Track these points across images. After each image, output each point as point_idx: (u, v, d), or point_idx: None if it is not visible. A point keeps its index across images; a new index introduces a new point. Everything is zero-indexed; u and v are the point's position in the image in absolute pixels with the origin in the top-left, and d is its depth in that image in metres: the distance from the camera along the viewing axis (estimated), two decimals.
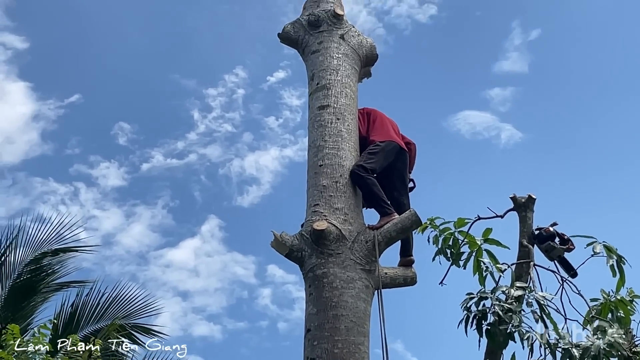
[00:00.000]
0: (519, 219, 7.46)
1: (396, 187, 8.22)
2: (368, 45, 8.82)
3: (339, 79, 8.29)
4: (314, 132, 8.01)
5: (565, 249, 7.35)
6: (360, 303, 6.93)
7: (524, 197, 7.46)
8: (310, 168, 7.82)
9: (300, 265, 7.29)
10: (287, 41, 8.99)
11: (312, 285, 7.04)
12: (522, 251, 7.28)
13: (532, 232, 7.39)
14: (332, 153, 7.75)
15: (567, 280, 7.20)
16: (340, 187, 7.53)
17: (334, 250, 7.10)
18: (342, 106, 8.11)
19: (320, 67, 8.40)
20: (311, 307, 6.95)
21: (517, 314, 6.44)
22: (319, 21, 8.68)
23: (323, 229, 7.10)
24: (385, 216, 7.57)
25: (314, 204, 7.47)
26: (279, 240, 7.28)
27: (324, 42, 8.58)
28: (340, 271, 7.00)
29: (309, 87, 8.50)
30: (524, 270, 7.14)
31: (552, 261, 7.37)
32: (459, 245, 7.45)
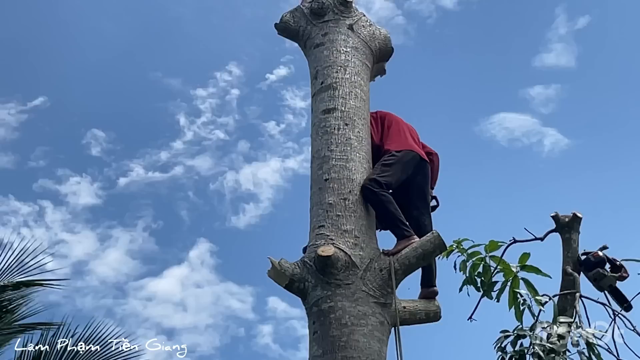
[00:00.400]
0: (562, 242, 7.07)
1: (415, 204, 7.72)
2: (381, 37, 8.28)
3: (348, 77, 7.75)
4: (318, 140, 7.47)
5: (618, 277, 6.89)
6: (375, 343, 6.41)
7: (568, 216, 7.06)
8: (314, 182, 7.30)
9: (303, 299, 6.77)
10: (286, 33, 8.47)
11: (317, 322, 6.51)
12: (566, 280, 6.89)
13: (577, 258, 6.98)
14: (339, 165, 7.21)
15: (620, 314, 6.77)
16: (350, 205, 6.99)
17: (342, 280, 6.57)
18: (351, 109, 7.57)
19: (325, 64, 7.87)
20: (316, 348, 6.41)
21: (561, 355, 5.99)
22: (323, 9, 8.12)
23: (329, 255, 6.55)
24: (402, 239, 7.02)
25: (319, 225, 6.93)
26: (277, 268, 6.72)
27: (330, 33, 8.04)
28: (350, 305, 6.47)
29: (312, 87, 8.00)
30: (568, 302, 6.78)
31: (601, 292, 6.95)
32: (490, 273, 6.94)
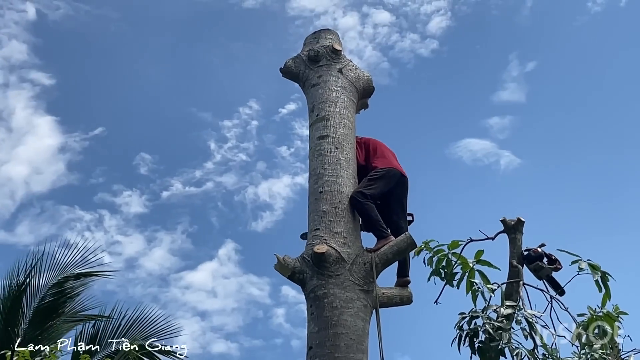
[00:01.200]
0: (509, 241, 7.62)
1: (395, 211, 8.33)
2: (365, 78, 8.97)
3: (338, 110, 8.44)
4: (315, 161, 8.18)
5: (553, 268, 7.47)
6: (359, 322, 7.06)
7: (514, 220, 7.63)
8: (311, 194, 7.97)
9: (302, 287, 7.41)
10: (289, 75, 9.15)
11: (313, 305, 7.17)
12: (512, 271, 7.43)
13: (521, 253, 7.53)
14: (331, 180, 7.90)
15: (555, 298, 7.34)
16: (340, 212, 7.66)
17: (333, 272, 7.23)
18: (341, 136, 8.27)
19: (319, 100, 8.56)
20: (313, 326, 7.08)
21: (507, 331, 6.56)
22: (318, 56, 8.85)
23: (323, 252, 7.24)
24: (382, 239, 7.70)
25: (315, 228, 7.61)
26: (282, 263, 7.40)
27: (323, 75, 8.74)
28: (340, 292, 7.13)
29: (309, 119, 8.68)
30: (514, 289, 7.29)
31: (540, 280, 7.49)
32: (452, 266, 7.47)
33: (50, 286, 12.54)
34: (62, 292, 12.63)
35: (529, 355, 6.52)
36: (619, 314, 7.38)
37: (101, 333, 12.75)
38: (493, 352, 6.53)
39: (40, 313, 12.34)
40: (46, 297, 12.49)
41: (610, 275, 7.29)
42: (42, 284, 12.57)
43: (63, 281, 12.63)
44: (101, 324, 12.78)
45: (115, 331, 12.83)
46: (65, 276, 12.70)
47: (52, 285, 12.55)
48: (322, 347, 6.86)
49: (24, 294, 12.34)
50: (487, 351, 6.56)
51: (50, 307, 12.44)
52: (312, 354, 6.90)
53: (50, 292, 12.54)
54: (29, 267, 12.38)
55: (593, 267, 7.26)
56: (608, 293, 7.29)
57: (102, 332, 12.78)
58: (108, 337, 12.71)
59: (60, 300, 12.60)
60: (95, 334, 12.70)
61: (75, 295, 12.87)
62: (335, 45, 8.90)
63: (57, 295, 12.57)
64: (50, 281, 12.57)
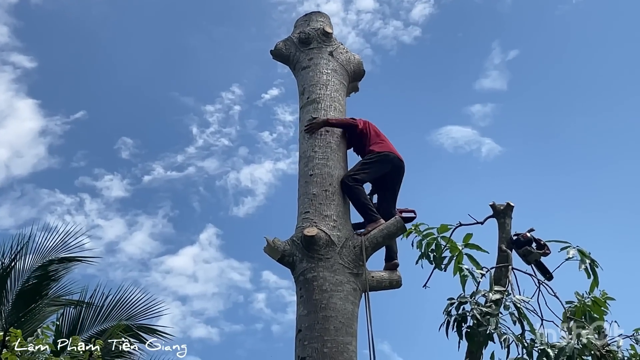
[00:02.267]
0: (498, 226, 7.57)
1: (386, 197, 8.24)
2: (355, 61, 8.92)
3: (328, 93, 8.38)
4: (305, 144, 8.09)
5: (542, 253, 7.44)
6: (348, 305, 7.01)
7: (503, 205, 7.60)
8: (301, 177, 7.90)
9: (292, 269, 7.35)
10: (279, 58, 9.08)
11: (302, 288, 7.12)
12: (501, 256, 7.39)
13: (510, 238, 7.50)
14: (321, 163, 7.84)
15: (544, 283, 7.31)
16: (330, 195, 7.60)
17: (323, 255, 7.17)
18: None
19: (310, 82, 8.50)
20: (302, 309, 7.03)
21: (495, 316, 6.53)
22: (309, 39, 8.78)
23: (313, 235, 7.17)
24: (372, 222, 7.62)
25: (305, 211, 7.54)
26: (271, 245, 7.34)
27: (314, 58, 8.68)
28: (330, 275, 7.07)
29: (300, 101, 8.59)
30: (502, 273, 7.26)
31: (529, 265, 7.46)
32: (441, 249, 7.54)
33: (34, 269, 12.40)
34: (46, 276, 12.44)
35: (516, 341, 6.50)
36: (606, 300, 7.40)
37: (84, 315, 12.54)
38: (481, 338, 6.51)
39: (23, 295, 12.17)
40: (30, 280, 12.33)
41: (597, 263, 7.33)
42: (26, 267, 12.42)
43: (47, 264, 12.46)
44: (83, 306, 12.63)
45: (98, 313, 12.63)
46: (49, 259, 12.50)
47: (36, 268, 12.40)
48: (311, 330, 6.81)
49: (8, 277, 12.18)
50: (475, 336, 6.54)
51: (34, 289, 12.25)
52: (301, 337, 6.85)
53: (34, 274, 12.38)
54: (14, 251, 12.24)
55: (582, 253, 7.28)
56: (596, 280, 7.32)
57: (85, 314, 12.59)
58: (91, 319, 12.55)
59: (44, 283, 12.41)
60: (77, 316, 12.50)
61: (58, 279, 12.62)
62: (326, 28, 8.84)
63: (41, 279, 12.39)
64: (35, 264, 12.42)
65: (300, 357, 6.76)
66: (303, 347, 6.78)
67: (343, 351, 6.71)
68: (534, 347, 6.49)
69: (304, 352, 6.75)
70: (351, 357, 6.74)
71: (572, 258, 7.27)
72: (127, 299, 12.81)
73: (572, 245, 7.32)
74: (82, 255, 12.71)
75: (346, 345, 6.76)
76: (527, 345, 6.48)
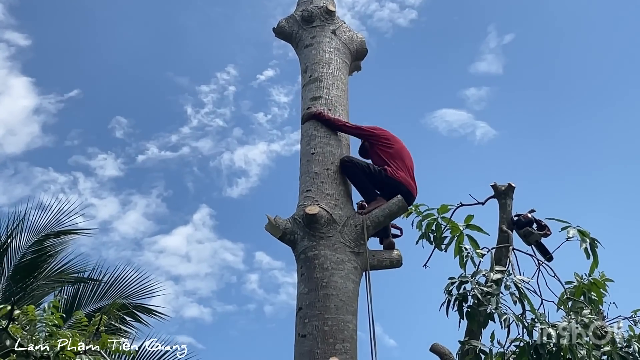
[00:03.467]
0: (499, 206, 7.52)
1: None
2: (358, 40, 8.85)
3: (331, 72, 8.30)
4: (307, 122, 7.98)
5: (542, 234, 7.40)
6: (349, 283, 6.94)
7: (504, 185, 7.53)
8: (303, 156, 7.82)
9: (293, 248, 7.28)
10: (282, 35, 9.00)
11: (303, 266, 7.04)
12: (501, 236, 7.34)
13: (511, 219, 7.44)
14: (323, 142, 7.76)
15: (544, 263, 7.27)
16: (331, 174, 7.52)
17: (324, 233, 7.09)
18: (334, 98, 8.12)
19: (313, 61, 8.41)
20: (303, 287, 6.96)
21: (496, 296, 6.49)
22: (312, 17, 8.72)
23: (315, 213, 7.10)
24: (373, 201, 7.52)
25: (306, 189, 7.46)
26: (272, 223, 7.26)
27: (317, 36, 8.61)
28: (331, 253, 7.00)
29: (302, 80, 8.51)
30: (503, 254, 7.22)
31: (529, 246, 7.41)
32: (441, 230, 7.51)
33: (30, 244, 12.37)
34: (42, 250, 12.49)
35: (517, 321, 6.45)
36: (605, 281, 7.43)
37: (81, 292, 12.61)
38: (481, 317, 6.46)
39: (20, 271, 12.21)
40: (26, 255, 12.34)
41: (598, 242, 7.27)
42: (22, 244, 12.41)
43: (43, 239, 12.48)
44: (81, 284, 12.62)
45: (95, 291, 12.71)
46: (45, 234, 12.53)
47: (32, 243, 12.39)
48: (312, 308, 6.74)
49: (5, 254, 12.14)
50: (475, 316, 6.49)
51: (30, 265, 12.30)
52: (302, 315, 6.78)
53: (30, 250, 12.39)
54: (10, 228, 12.20)
55: (582, 233, 7.24)
56: (596, 261, 7.29)
57: (82, 292, 12.63)
58: (88, 297, 12.61)
59: (41, 258, 12.46)
60: (75, 294, 12.54)
61: (55, 254, 12.70)
62: (329, 6, 8.78)
63: (37, 254, 12.44)
64: (30, 240, 12.38)
65: (301, 334, 6.69)
66: (303, 325, 6.71)
67: (343, 329, 6.65)
68: (534, 326, 6.42)
69: (304, 329, 6.68)
70: (351, 335, 6.68)
71: (572, 238, 7.21)
72: (123, 278, 12.96)
73: (572, 225, 7.26)
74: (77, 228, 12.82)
75: (346, 324, 6.69)
76: (528, 325, 6.43)
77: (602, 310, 7.32)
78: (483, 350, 6.57)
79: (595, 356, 6.30)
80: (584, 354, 6.19)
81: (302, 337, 6.66)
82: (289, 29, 8.88)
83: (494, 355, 6.57)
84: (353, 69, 8.90)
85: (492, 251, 7.20)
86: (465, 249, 7.36)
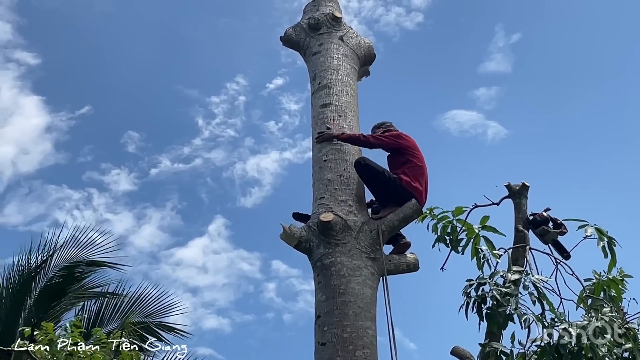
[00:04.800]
0: (514, 206, 7.41)
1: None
2: (366, 45, 8.78)
3: (340, 78, 8.24)
4: (318, 129, 7.93)
5: (559, 232, 7.29)
6: (367, 289, 6.87)
7: (518, 185, 7.43)
8: (315, 163, 7.76)
9: (309, 256, 7.22)
10: (289, 44, 8.95)
11: (320, 274, 6.98)
12: (518, 236, 7.23)
13: (526, 218, 7.33)
14: (335, 148, 7.69)
15: (561, 262, 7.17)
16: (344, 180, 7.46)
17: (340, 240, 7.03)
18: (344, 104, 8.06)
19: (321, 68, 8.36)
20: (320, 295, 6.90)
21: (515, 297, 6.42)
22: (318, 24, 8.66)
23: (329, 220, 7.03)
24: (387, 207, 7.45)
25: (320, 197, 7.40)
26: (287, 232, 7.19)
27: (324, 43, 8.55)
28: (347, 260, 6.93)
29: (311, 87, 8.45)
30: (520, 254, 7.10)
31: (546, 244, 7.30)
32: (457, 232, 7.38)
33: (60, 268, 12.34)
34: (70, 276, 12.44)
35: (536, 321, 6.35)
36: (623, 277, 7.30)
37: (104, 310, 12.57)
38: (501, 318, 6.40)
39: (47, 293, 12.18)
40: (54, 279, 12.31)
41: (616, 241, 7.17)
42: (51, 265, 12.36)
43: (73, 265, 12.44)
44: (103, 302, 12.61)
45: (117, 308, 12.68)
46: (76, 261, 12.48)
47: (62, 267, 12.36)
48: (330, 316, 6.68)
49: (34, 279, 12.13)
50: (494, 317, 6.42)
51: (57, 288, 12.27)
52: (321, 323, 6.72)
53: (59, 274, 12.35)
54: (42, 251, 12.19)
55: (600, 232, 7.14)
56: (614, 259, 7.18)
57: (105, 309, 12.60)
58: (110, 314, 12.56)
59: (68, 282, 12.42)
60: (98, 312, 12.51)
61: (82, 279, 12.66)
62: (335, 13, 8.72)
63: (65, 278, 12.40)
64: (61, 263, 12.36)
65: (320, 342, 6.62)
66: (323, 333, 6.65)
67: (363, 336, 6.58)
68: (554, 326, 6.32)
69: (323, 337, 6.62)
70: (371, 342, 6.61)
71: (589, 236, 7.10)
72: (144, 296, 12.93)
73: (590, 223, 7.15)
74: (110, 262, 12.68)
75: (365, 330, 6.62)
76: (548, 325, 6.32)
77: (622, 306, 7.20)
78: (504, 352, 6.46)
79: (617, 354, 6.19)
80: (605, 352, 6.07)
81: (322, 345, 6.59)
82: (296, 37, 8.82)
83: (515, 356, 6.47)
84: (362, 75, 8.84)
85: (509, 251, 7.10)
86: (481, 250, 7.24)
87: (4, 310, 11.89)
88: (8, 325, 11.19)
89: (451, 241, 7.39)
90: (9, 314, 11.79)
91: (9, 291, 12.05)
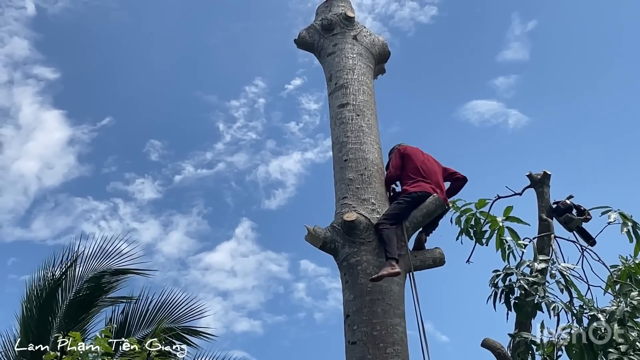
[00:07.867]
0: (537, 195, 7.41)
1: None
2: (380, 43, 8.74)
3: (356, 77, 8.21)
4: (337, 129, 7.90)
5: (583, 219, 7.28)
6: (394, 286, 6.81)
7: (540, 174, 7.43)
8: (336, 163, 7.72)
9: (335, 256, 7.17)
10: (304, 46, 8.93)
11: (347, 274, 6.93)
12: (542, 225, 7.22)
13: (550, 206, 7.33)
14: (355, 147, 7.66)
15: (587, 248, 7.15)
16: (366, 179, 7.43)
17: (365, 238, 6.98)
18: (361, 103, 8.03)
19: (337, 68, 8.33)
20: (348, 294, 6.85)
21: (542, 285, 6.42)
22: (332, 25, 8.63)
23: (353, 220, 6.99)
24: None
25: (343, 196, 7.36)
26: (312, 233, 7.15)
27: (339, 44, 8.52)
28: (373, 258, 6.89)
29: (327, 88, 8.41)
30: (545, 242, 7.10)
31: (571, 232, 7.31)
32: (480, 224, 7.41)
33: (86, 279, 12.37)
34: (98, 287, 12.46)
35: (565, 309, 6.36)
36: None
37: (130, 318, 12.55)
38: (529, 307, 6.41)
39: (76, 305, 12.16)
40: (82, 291, 12.32)
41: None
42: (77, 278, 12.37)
43: (99, 276, 12.43)
44: (129, 310, 12.61)
45: (143, 316, 12.62)
46: (101, 271, 12.44)
47: (88, 278, 12.37)
48: (359, 314, 6.63)
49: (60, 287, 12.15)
50: (523, 307, 6.44)
51: (85, 299, 12.27)
52: (350, 322, 6.67)
53: (86, 285, 12.35)
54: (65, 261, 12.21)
55: (624, 216, 7.13)
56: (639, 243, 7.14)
57: (131, 317, 12.57)
58: (137, 322, 12.54)
59: (96, 293, 12.43)
60: (124, 320, 12.48)
61: (109, 290, 12.62)
62: (348, 13, 8.68)
63: (93, 289, 12.40)
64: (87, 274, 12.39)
65: (350, 342, 6.58)
66: (352, 332, 6.61)
67: (393, 332, 6.53)
68: (583, 313, 6.33)
69: (353, 336, 6.57)
70: (401, 338, 6.56)
71: (613, 222, 7.09)
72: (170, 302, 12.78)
73: (613, 209, 7.14)
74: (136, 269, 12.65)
75: (395, 327, 6.58)
76: (577, 312, 6.33)
77: None
78: (534, 341, 6.48)
79: None
80: (635, 336, 6.05)
81: (353, 345, 6.55)
82: (310, 39, 8.80)
83: (545, 345, 6.47)
84: (377, 72, 8.80)
85: (534, 241, 7.09)
86: (506, 241, 7.23)
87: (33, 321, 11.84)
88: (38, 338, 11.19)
89: (475, 233, 7.44)
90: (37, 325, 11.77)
91: (33, 303, 11.96)
